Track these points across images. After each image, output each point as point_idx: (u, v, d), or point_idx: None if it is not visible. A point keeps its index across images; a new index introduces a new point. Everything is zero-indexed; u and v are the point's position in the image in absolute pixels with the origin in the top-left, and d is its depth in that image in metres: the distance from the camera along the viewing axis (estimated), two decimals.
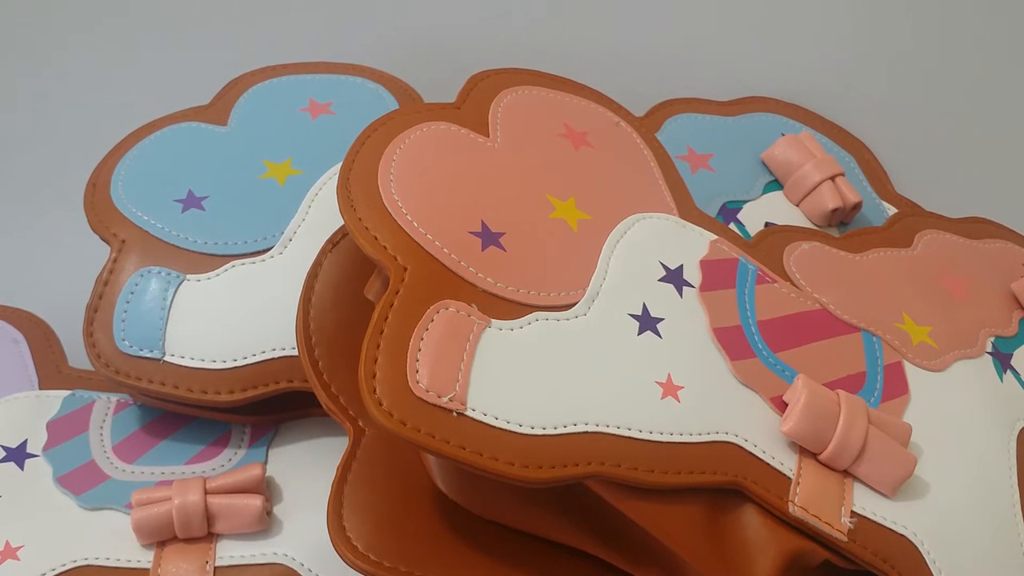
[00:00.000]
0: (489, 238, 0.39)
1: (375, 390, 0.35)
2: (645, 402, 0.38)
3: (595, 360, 0.38)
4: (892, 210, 0.53)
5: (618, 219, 0.42)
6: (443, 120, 0.42)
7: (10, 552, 0.42)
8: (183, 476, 0.45)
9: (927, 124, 0.58)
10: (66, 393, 0.48)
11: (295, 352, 0.43)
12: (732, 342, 0.41)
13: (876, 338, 0.44)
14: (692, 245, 0.43)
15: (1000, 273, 0.50)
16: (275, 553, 0.43)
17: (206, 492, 0.42)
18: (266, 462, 0.46)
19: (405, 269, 0.38)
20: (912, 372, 0.43)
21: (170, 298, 0.45)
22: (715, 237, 0.44)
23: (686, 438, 0.38)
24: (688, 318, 0.40)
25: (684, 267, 0.42)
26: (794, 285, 0.44)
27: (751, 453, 0.38)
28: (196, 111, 0.52)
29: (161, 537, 0.42)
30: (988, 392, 0.44)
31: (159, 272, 0.46)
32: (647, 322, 0.40)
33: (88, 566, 0.42)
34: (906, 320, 0.45)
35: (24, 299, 0.52)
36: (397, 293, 0.37)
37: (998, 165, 0.60)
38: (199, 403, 0.44)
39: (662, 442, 0.37)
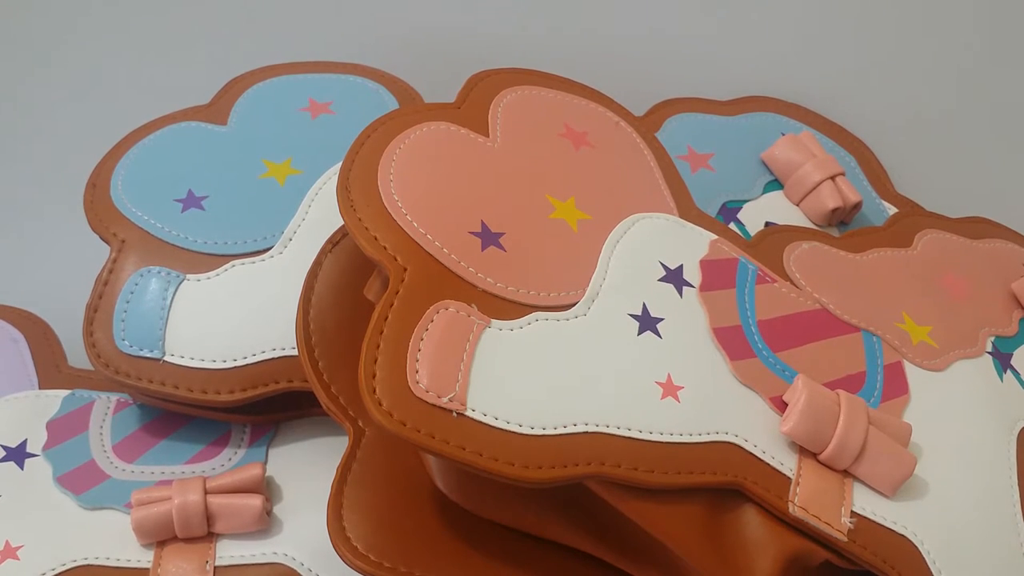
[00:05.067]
0: (489, 238, 0.39)
1: (375, 390, 0.35)
2: (645, 402, 0.38)
3: (595, 360, 0.38)
4: (892, 210, 0.53)
5: (618, 219, 0.42)
6: (443, 120, 0.42)
7: (10, 552, 0.42)
8: (183, 476, 0.45)
9: (927, 124, 0.58)
10: (66, 393, 0.48)
11: (295, 352, 0.43)
12: (732, 342, 0.41)
13: (876, 338, 0.44)
14: (692, 245, 0.43)
15: (1000, 273, 0.50)
16: (275, 553, 0.43)
17: (206, 492, 0.42)
18: (266, 462, 0.46)
19: (405, 269, 0.38)
20: (912, 372, 0.43)
21: (170, 298, 0.45)
22: (715, 237, 0.43)
23: (686, 438, 0.38)
24: (688, 318, 0.40)
25: (684, 267, 0.42)
26: (794, 285, 0.44)
27: (751, 453, 0.38)
28: (196, 111, 0.52)
29: (161, 537, 0.42)
30: (988, 392, 0.44)
31: (159, 272, 0.46)
32: (647, 322, 0.40)
33: (88, 566, 0.42)
34: (906, 320, 0.45)
35: (24, 299, 0.52)
36: (397, 293, 0.37)
37: (998, 165, 0.60)
38: (199, 403, 0.44)
39: (662, 442, 0.37)
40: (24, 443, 0.46)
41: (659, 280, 0.41)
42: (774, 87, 0.57)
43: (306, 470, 0.45)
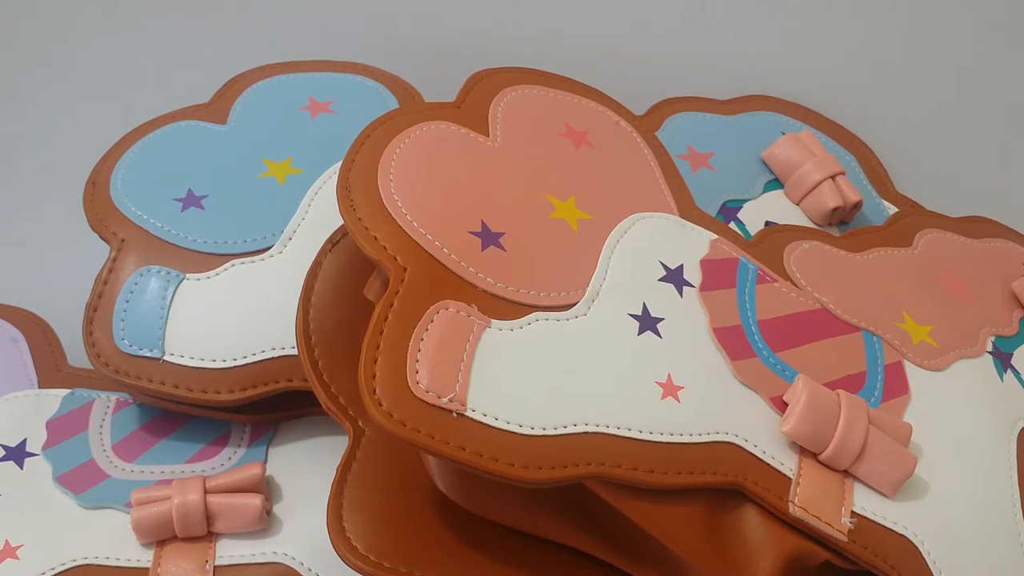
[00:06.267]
0: (489, 238, 0.39)
1: (375, 390, 0.35)
2: (645, 402, 0.38)
3: (595, 360, 0.38)
4: (893, 209, 0.53)
5: (618, 219, 0.42)
6: (443, 119, 0.42)
7: (9, 551, 0.42)
8: (183, 475, 0.45)
9: (928, 123, 0.58)
10: (65, 392, 0.48)
11: (295, 352, 0.43)
12: (732, 342, 0.41)
13: (876, 337, 0.44)
14: (692, 245, 0.43)
15: (1000, 272, 0.50)
16: (275, 552, 0.43)
17: (206, 491, 0.42)
18: (266, 461, 0.46)
19: (405, 269, 0.37)
20: (912, 372, 0.43)
21: (170, 297, 0.45)
22: (715, 236, 0.43)
23: (686, 438, 0.38)
24: (688, 318, 0.40)
25: (684, 267, 0.42)
26: (794, 285, 0.44)
27: (751, 453, 0.38)
28: (196, 109, 0.52)
29: (161, 536, 0.42)
30: (988, 391, 0.44)
31: (159, 271, 0.46)
32: (647, 322, 0.39)
33: (88, 565, 0.42)
34: (906, 319, 0.45)
35: (24, 298, 0.52)
36: (397, 293, 0.37)
37: (998, 165, 0.60)
38: (199, 402, 0.44)
39: (662, 442, 0.37)
40: (24, 442, 0.46)
41: (659, 280, 0.41)
42: (774, 87, 0.57)
43: (306, 470, 0.45)
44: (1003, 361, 0.46)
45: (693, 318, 0.41)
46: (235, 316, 0.45)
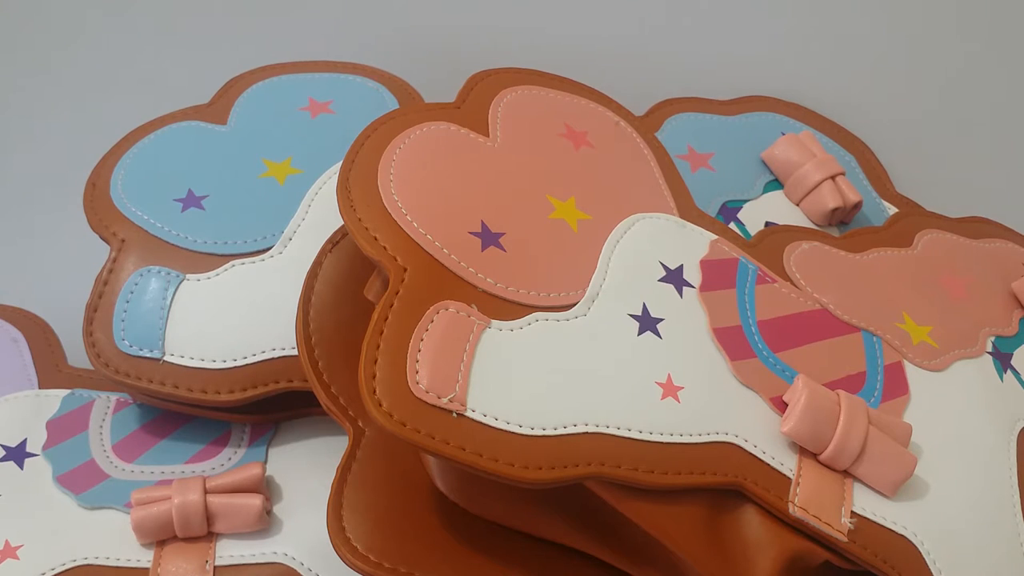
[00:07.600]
0: (489, 238, 0.39)
1: (375, 391, 0.35)
2: (645, 403, 0.38)
3: (595, 361, 0.38)
4: (893, 210, 0.53)
5: (618, 219, 0.42)
6: (443, 120, 0.42)
7: (9, 551, 0.42)
8: (183, 475, 0.45)
9: (927, 124, 0.58)
10: (65, 392, 0.48)
11: (295, 352, 0.43)
12: (732, 342, 0.41)
13: (876, 338, 0.44)
14: (692, 245, 0.43)
15: (1000, 273, 0.50)
16: (275, 552, 0.43)
17: (206, 491, 0.42)
18: (266, 461, 0.46)
19: (405, 269, 0.38)
20: (912, 372, 0.43)
21: (170, 298, 0.45)
22: (715, 237, 0.43)
23: (686, 439, 0.38)
24: (688, 318, 0.40)
25: (684, 267, 0.42)
26: (794, 285, 0.44)
27: (751, 453, 0.38)
28: (196, 110, 0.52)
29: (161, 536, 0.42)
30: (988, 392, 0.44)
31: (159, 271, 0.46)
32: (647, 322, 0.40)
33: (88, 565, 0.42)
34: (906, 320, 0.45)
35: (24, 299, 0.52)
36: (397, 294, 0.37)
37: (998, 165, 0.60)
38: (199, 403, 0.45)
39: (662, 443, 0.37)
40: (24, 443, 0.46)
41: (659, 280, 0.41)
42: (774, 87, 0.57)
43: (306, 470, 0.45)
44: (1003, 361, 0.46)
45: (693, 318, 0.41)
46: (235, 316, 0.45)
